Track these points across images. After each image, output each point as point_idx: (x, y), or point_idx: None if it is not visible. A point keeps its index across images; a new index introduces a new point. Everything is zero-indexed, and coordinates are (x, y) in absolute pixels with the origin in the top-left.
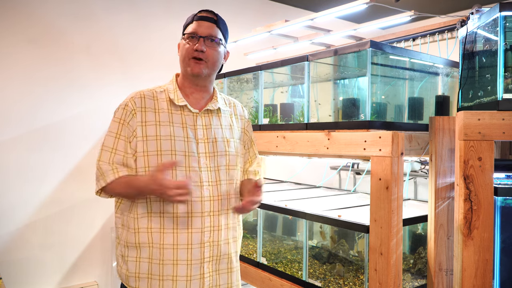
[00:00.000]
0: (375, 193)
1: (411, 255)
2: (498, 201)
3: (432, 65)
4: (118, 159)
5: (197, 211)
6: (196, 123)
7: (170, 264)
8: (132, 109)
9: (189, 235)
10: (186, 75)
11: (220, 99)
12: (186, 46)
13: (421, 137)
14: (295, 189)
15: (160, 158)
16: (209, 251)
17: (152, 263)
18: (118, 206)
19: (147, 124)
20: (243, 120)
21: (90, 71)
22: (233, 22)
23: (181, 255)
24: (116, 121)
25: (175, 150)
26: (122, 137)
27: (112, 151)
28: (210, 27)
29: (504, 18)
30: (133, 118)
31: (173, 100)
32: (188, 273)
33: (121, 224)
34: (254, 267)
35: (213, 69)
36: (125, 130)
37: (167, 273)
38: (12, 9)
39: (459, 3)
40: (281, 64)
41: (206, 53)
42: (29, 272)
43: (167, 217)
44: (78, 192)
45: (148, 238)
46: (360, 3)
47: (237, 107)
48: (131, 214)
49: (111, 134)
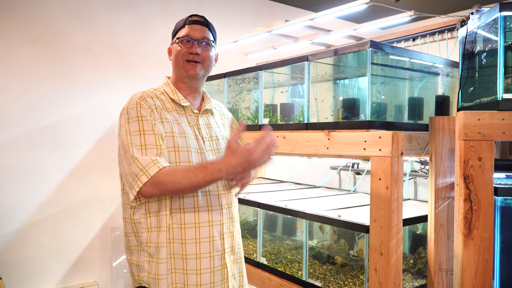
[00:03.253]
0: (375, 193)
1: (411, 255)
2: (498, 201)
3: (432, 65)
4: (152, 152)
5: (216, 205)
6: (198, 123)
7: (193, 258)
8: (148, 107)
9: (210, 228)
10: (181, 78)
11: (211, 100)
12: (180, 50)
13: (421, 137)
14: (295, 189)
15: (178, 154)
16: (228, 242)
17: (175, 258)
18: (133, 211)
19: (164, 121)
20: (229, 118)
21: (90, 71)
22: (232, 22)
23: (204, 248)
24: (134, 121)
25: (190, 147)
26: (148, 131)
27: (142, 148)
28: (202, 30)
29: (504, 18)
30: (152, 114)
31: (177, 101)
32: (211, 265)
33: (145, 227)
34: (254, 267)
35: (207, 70)
36: (149, 124)
37: (191, 267)
38: (12, 9)
39: (459, 3)
40: (281, 64)
41: (201, 55)
42: (29, 272)
43: (188, 212)
44: (78, 192)
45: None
46: (360, 3)
47: (222, 107)
48: (161, 212)
49: (135, 133)
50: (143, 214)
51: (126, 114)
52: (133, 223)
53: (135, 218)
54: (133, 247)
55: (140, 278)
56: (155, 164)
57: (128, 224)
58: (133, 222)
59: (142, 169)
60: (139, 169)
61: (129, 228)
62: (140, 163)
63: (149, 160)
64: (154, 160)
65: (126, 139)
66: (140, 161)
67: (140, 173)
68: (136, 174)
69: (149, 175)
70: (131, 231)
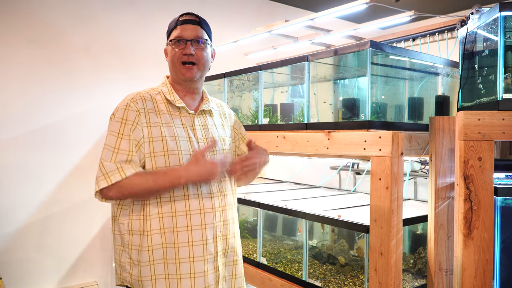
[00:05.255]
0: (375, 193)
1: (411, 255)
2: (498, 201)
3: (432, 65)
4: (121, 158)
5: (209, 207)
6: (194, 124)
7: (186, 262)
8: (136, 110)
9: (203, 231)
10: (178, 80)
11: (210, 99)
12: (174, 52)
13: (421, 137)
14: (295, 189)
15: (168, 158)
16: (221, 245)
17: (168, 263)
18: (120, 211)
19: (152, 125)
20: (231, 118)
21: (90, 71)
22: (233, 22)
23: (197, 251)
24: (118, 121)
25: (180, 150)
26: (125, 136)
27: (114, 151)
28: (195, 29)
29: (504, 18)
30: (138, 119)
31: (172, 102)
32: (204, 268)
33: (127, 229)
34: (254, 267)
35: (204, 70)
36: (128, 129)
37: (184, 272)
38: (12, 9)
39: (459, 3)
40: (281, 64)
41: (196, 55)
42: (29, 272)
43: (180, 216)
44: (77, 192)
45: (162, 239)
46: (360, 3)
47: (224, 107)
48: (141, 216)
49: (112, 133)
50: (127, 216)
51: (115, 113)
52: (118, 223)
53: (119, 219)
54: (117, 246)
55: (123, 278)
56: (119, 172)
57: (115, 222)
58: (118, 222)
59: (104, 174)
60: (101, 173)
61: (116, 226)
62: (104, 168)
63: (114, 167)
64: (119, 168)
65: (106, 138)
66: (105, 166)
67: (101, 177)
68: (97, 177)
69: (110, 182)
70: (117, 229)
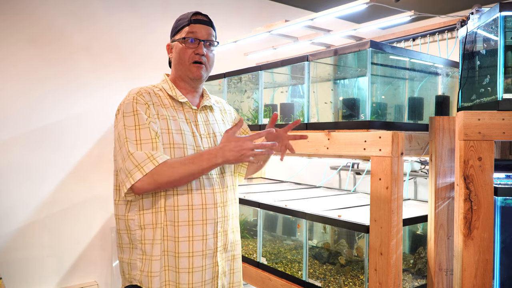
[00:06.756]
0: (375, 193)
1: (411, 255)
2: (498, 201)
3: (432, 65)
4: (148, 148)
5: (210, 203)
6: (197, 119)
7: (185, 256)
8: (144, 103)
9: (203, 227)
10: (184, 78)
11: (210, 96)
12: (186, 50)
13: (421, 137)
14: (295, 189)
15: (173, 151)
16: (221, 240)
17: (168, 255)
18: (128, 208)
19: (160, 118)
20: (231, 114)
21: (90, 71)
22: (232, 22)
23: (197, 246)
24: (130, 115)
25: (186, 144)
26: (142, 126)
27: (137, 143)
28: (208, 30)
29: (504, 18)
30: (148, 110)
31: (174, 97)
32: (203, 263)
33: (139, 224)
34: (254, 267)
35: (209, 71)
36: (143, 118)
37: (183, 266)
38: (12, 9)
39: (459, 3)
40: (281, 64)
41: (206, 56)
42: (29, 272)
43: (182, 210)
44: (78, 192)
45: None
46: (360, 3)
47: (223, 103)
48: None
49: (129, 128)
50: (137, 212)
51: (123, 109)
52: (126, 220)
53: (128, 215)
54: (125, 245)
55: (132, 277)
56: (151, 160)
57: (121, 221)
58: (126, 219)
59: (137, 166)
60: (134, 165)
61: (122, 225)
62: (136, 159)
63: (145, 156)
64: (150, 156)
65: (123, 134)
66: (136, 157)
67: (134, 170)
68: (130, 170)
69: (144, 172)
70: (124, 228)
